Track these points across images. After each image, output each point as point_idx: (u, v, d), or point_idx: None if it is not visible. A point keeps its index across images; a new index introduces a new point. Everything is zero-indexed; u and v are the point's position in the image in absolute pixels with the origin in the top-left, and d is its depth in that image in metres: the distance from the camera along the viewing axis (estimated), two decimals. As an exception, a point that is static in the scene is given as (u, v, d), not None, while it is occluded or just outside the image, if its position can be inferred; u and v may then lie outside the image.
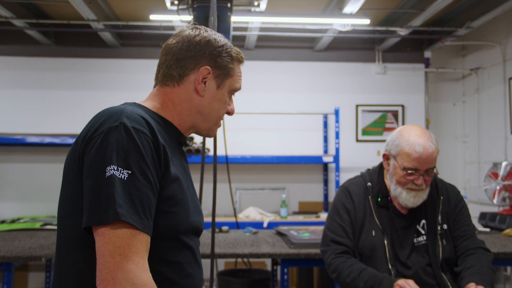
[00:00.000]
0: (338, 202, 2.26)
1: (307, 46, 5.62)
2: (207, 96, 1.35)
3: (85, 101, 5.28)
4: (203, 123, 1.38)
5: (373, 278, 2.01)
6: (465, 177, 5.76)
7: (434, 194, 2.22)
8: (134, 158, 1.14)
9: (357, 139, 5.60)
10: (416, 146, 2.06)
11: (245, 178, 5.45)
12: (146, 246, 1.14)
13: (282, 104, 5.51)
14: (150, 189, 1.16)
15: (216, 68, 1.34)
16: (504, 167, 3.93)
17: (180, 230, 1.26)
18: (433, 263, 2.10)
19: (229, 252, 2.89)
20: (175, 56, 1.33)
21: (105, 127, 1.17)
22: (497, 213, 3.91)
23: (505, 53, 5.04)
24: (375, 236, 2.13)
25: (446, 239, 2.15)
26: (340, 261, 2.13)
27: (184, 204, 1.27)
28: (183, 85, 1.34)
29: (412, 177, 2.08)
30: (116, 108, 1.24)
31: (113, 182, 1.11)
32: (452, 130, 5.89)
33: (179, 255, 1.27)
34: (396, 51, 5.63)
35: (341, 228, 2.19)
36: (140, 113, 1.24)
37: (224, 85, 1.37)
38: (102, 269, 1.08)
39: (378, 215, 2.17)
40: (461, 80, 5.89)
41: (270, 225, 4.48)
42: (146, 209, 1.14)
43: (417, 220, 2.18)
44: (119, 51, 5.45)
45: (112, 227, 1.09)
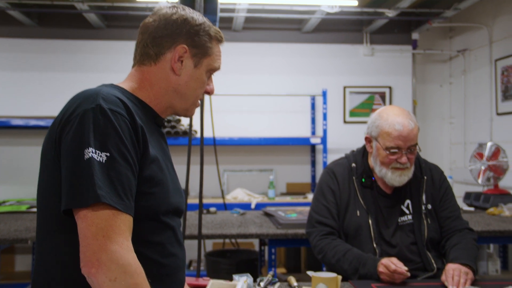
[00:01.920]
0: (323, 183, 2.28)
1: (295, 28, 5.59)
2: (184, 75, 1.33)
3: (70, 83, 5.21)
4: (180, 102, 1.36)
5: (357, 258, 2.04)
6: (451, 158, 5.82)
7: (418, 174, 2.24)
8: (112, 140, 1.13)
9: (345, 120, 5.61)
10: (396, 125, 2.08)
11: (233, 159, 5.45)
12: (129, 227, 1.14)
13: (270, 85, 5.49)
14: (129, 170, 1.15)
15: (193, 47, 1.32)
16: (489, 147, 3.97)
17: (161, 211, 1.26)
18: (418, 242, 2.13)
19: (216, 233, 2.90)
20: (152, 35, 1.32)
21: (81, 110, 1.16)
22: (482, 193, 3.96)
23: (491, 35, 5.06)
24: (360, 216, 2.16)
25: (430, 218, 2.18)
26: (326, 243, 2.16)
27: (164, 185, 1.27)
28: (160, 64, 1.32)
29: (395, 156, 2.10)
30: (92, 90, 1.23)
31: (91, 165, 1.10)
32: (438, 111, 5.93)
33: (160, 235, 1.27)
34: (384, 33, 5.62)
35: (326, 209, 2.22)
36: (117, 94, 1.23)
37: (202, 64, 1.35)
38: (86, 251, 1.08)
39: (363, 196, 2.19)
40: (448, 61, 5.91)
41: (258, 206, 4.50)
42: (127, 190, 1.14)
43: (401, 200, 2.20)
44: (104, 33, 5.38)
45: (93, 209, 1.09)
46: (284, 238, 2.88)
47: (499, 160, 3.91)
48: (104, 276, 1.06)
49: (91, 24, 5.25)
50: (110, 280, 1.06)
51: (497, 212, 3.52)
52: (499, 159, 3.91)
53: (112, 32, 5.37)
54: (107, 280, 1.06)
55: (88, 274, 1.08)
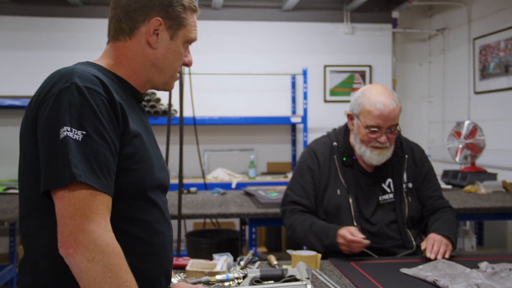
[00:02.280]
0: (303, 162, 2.29)
1: (275, 6, 5.54)
2: (160, 48, 1.30)
3: (45, 62, 5.10)
4: (158, 76, 1.34)
5: (321, 230, 2.06)
6: (429, 136, 5.88)
7: (399, 153, 2.25)
8: (88, 118, 1.11)
9: (325, 99, 5.61)
10: (377, 104, 2.08)
11: (213, 139, 5.43)
12: (107, 207, 1.12)
13: (250, 64, 5.45)
14: (107, 148, 1.13)
15: (167, 18, 1.29)
16: (466, 126, 4.02)
17: (146, 187, 1.25)
18: (399, 220, 2.15)
19: (197, 212, 2.89)
20: (124, 9, 1.28)
21: (57, 89, 1.14)
22: (459, 171, 4.02)
23: (470, 13, 5.08)
24: (340, 195, 2.17)
25: (411, 196, 2.20)
26: (295, 218, 2.19)
27: (148, 160, 1.25)
28: (135, 39, 1.29)
29: (375, 135, 2.11)
30: (67, 68, 1.20)
31: (67, 144, 1.08)
32: (418, 90, 5.97)
33: (147, 213, 1.26)
34: (364, 11, 5.60)
35: (302, 188, 2.23)
36: (93, 71, 1.20)
37: (178, 36, 1.32)
38: (63, 232, 1.07)
39: (344, 174, 2.20)
40: (428, 40, 5.93)
41: (239, 185, 4.50)
42: (104, 168, 1.12)
43: (382, 179, 2.22)
44: (80, 10, 5.25)
45: (70, 189, 1.07)
46: (264, 217, 2.89)
47: (476, 139, 3.96)
48: (82, 256, 1.05)
49: (66, 1, 5.12)
50: (88, 261, 1.05)
51: (473, 189, 3.58)
52: (476, 138, 3.97)
53: (89, 9, 5.25)
54: (85, 260, 1.05)
55: (66, 254, 1.06)
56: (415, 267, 1.78)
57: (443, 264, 1.77)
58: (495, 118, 4.63)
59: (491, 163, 4.43)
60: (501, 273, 1.68)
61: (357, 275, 1.73)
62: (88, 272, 1.05)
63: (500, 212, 3.07)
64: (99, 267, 1.05)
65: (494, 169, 4.24)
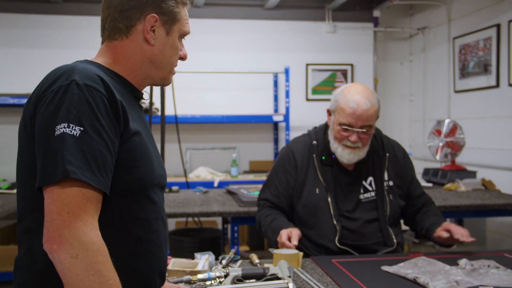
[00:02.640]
0: (279, 161, 2.30)
1: (257, 4, 5.53)
2: (157, 44, 1.32)
3: (25, 59, 5.03)
4: (157, 72, 1.35)
5: (277, 227, 2.09)
6: (410, 135, 5.94)
7: (380, 151, 2.26)
8: (86, 115, 1.11)
9: (307, 98, 5.63)
10: (351, 102, 2.08)
11: (195, 138, 5.41)
12: (97, 205, 1.12)
13: (232, 63, 5.44)
14: (104, 146, 1.13)
15: (162, 14, 1.30)
16: (447, 124, 4.06)
17: (146, 184, 1.25)
18: (380, 218, 2.16)
19: (179, 211, 2.88)
20: (118, 8, 1.28)
21: (56, 86, 1.14)
22: (439, 169, 4.06)
23: (450, 13, 5.13)
24: (319, 193, 2.17)
25: (392, 194, 2.22)
26: (262, 213, 2.23)
27: (148, 158, 1.26)
28: (132, 37, 1.30)
29: (346, 133, 2.11)
30: (68, 66, 1.20)
31: (63, 140, 1.08)
32: (399, 89, 6.02)
33: (145, 211, 1.26)
34: (346, 10, 5.62)
35: (274, 187, 2.26)
36: (93, 69, 1.20)
37: (173, 30, 1.34)
38: (49, 227, 1.06)
39: (323, 173, 2.20)
40: (409, 39, 5.98)
41: (221, 184, 4.49)
42: (101, 166, 1.11)
43: (363, 177, 2.22)
44: (61, 7, 5.18)
45: (62, 185, 1.07)
46: (246, 216, 2.88)
47: (456, 137, 4.01)
48: (66, 252, 1.04)
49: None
50: (71, 257, 1.04)
51: (453, 187, 3.62)
52: (456, 136, 4.01)
53: (69, 6, 5.18)
54: (68, 257, 1.04)
55: (50, 250, 1.06)
56: (395, 265, 1.79)
57: (423, 262, 1.79)
58: (474, 116, 4.70)
59: (470, 161, 4.49)
60: (480, 270, 1.70)
61: (339, 273, 1.74)
62: (71, 269, 1.04)
63: (479, 210, 3.12)
64: (82, 264, 1.04)
65: (474, 167, 4.30)
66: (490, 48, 4.47)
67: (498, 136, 4.35)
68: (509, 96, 4.21)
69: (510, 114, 4.14)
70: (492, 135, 4.43)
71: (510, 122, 4.15)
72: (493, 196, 3.37)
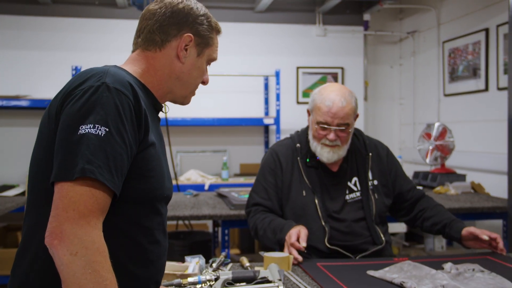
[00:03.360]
0: (265, 164, 2.31)
1: (247, 7, 5.54)
2: (187, 63, 1.37)
3: (13, 61, 4.99)
4: (180, 90, 1.41)
5: (278, 225, 2.08)
6: (400, 138, 5.96)
7: (363, 151, 2.28)
8: (112, 117, 1.13)
9: (298, 101, 5.63)
10: (326, 101, 2.12)
11: (186, 140, 5.40)
12: (104, 207, 1.13)
13: (223, 65, 5.41)
14: (124, 150, 1.15)
15: (197, 36, 1.37)
16: (436, 128, 4.08)
17: (155, 195, 1.28)
18: (367, 217, 2.18)
19: (169, 214, 2.86)
20: (159, 22, 1.34)
21: (87, 85, 1.17)
22: (429, 172, 4.08)
23: (439, 17, 5.17)
24: (305, 196, 2.18)
25: (377, 193, 2.24)
26: (256, 217, 2.21)
27: (160, 170, 1.29)
28: (165, 51, 1.35)
29: (324, 132, 2.14)
30: (101, 68, 1.24)
31: (87, 139, 1.10)
32: (389, 92, 6.04)
33: (151, 221, 1.28)
34: (336, 14, 5.64)
35: (264, 190, 2.25)
36: (125, 75, 1.24)
37: (204, 54, 1.40)
38: (52, 222, 1.07)
39: (308, 175, 2.21)
40: (399, 43, 6.01)
41: (211, 187, 4.48)
42: (119, 168, 1.13)
43: (348, 177, 2.24)
44: (50, 9, 5.14)
45: (75, 182, 1.08)
46: (237, 219, 2.88)
47: (446, 140, 4.03)
48: (66, 249, 1.05)
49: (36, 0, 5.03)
50: (70, 254, 1.05)
51: (443, 190, 3.64)
52: (445, 139, 4.03)
53: (58, 8, 5.15)
54: (67, 253, 1.05)
55: (50, 245, 1.07)
56: (381, 269, 1.79)
57: (409, 266, 1.79)
58: (463, 120, 4.73)
59: (460, 164, 4.52)
60: (465, 274, 1.71)
61: (325, 278, 1.72)
62: (69, 265, 1.05)
63: (469, 213, 3.13)
64: (80, 262, 1.05)
65: (463, 170, 4.32)
66: (479, 52, 4.50)
67: (487, 140, 4.38)
68: (498, 100, 4.24)
69: (499, 118, 4.17)
70: (482, 139, 4.46)
71: (499, 125, 4.18)
72: (482, 199, 3.39)
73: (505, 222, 3.23)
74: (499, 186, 3.87)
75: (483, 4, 4.47)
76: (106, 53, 5.05)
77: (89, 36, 5.14)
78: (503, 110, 4.16)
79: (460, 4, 4.83)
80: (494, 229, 4.14)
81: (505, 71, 4.13)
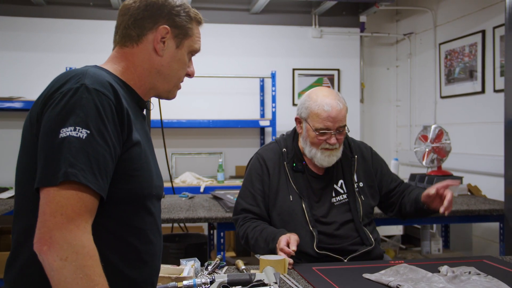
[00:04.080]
0: (252, 170, 2.29)
1: (243, 9, 5.52)
2: (166, 56, 1.34)
3: (7, 63, 4.95)
4: (162, 84, 1.37)
5: (270, 234, 2.06)
6: (397, 140, 5.95)
7: (348, 153, 2.29)
8: (93, 119, 1.12)
9: (294, 103, 5.61)
10: (325, 106, 2.11)
11: (181, 142, 5.37)
12: (92, 209, 1.11)
13: (218, 67, 5.41)
14: (107, 151, 1.13)
15: (174, 27, 1.34)
16: (433, 130, 4.07)
17: (144, 194, 1.26)
18: (355, 219, 2.19)
19: (164, 217, 2.84)
20: (133, 16, 1.32)
21: (66, 88, 1.15)
22: (426, 174, 4.06)
23: (435, 18, 5.17)
24: (292, 200, 2.17)
25: (364, 195, 2.25)
26: (247, 226, 2.18)
27: (147, 168, 1.27)
28: (142, 45, 1.33)
29: (324, 137, 2.13)
30: (79, 69, 1.22)
31: (68, 142, 1.08)
32: (385, 94, 6.03)
33: (142, 221, 1.27)
34: (332, 15, 5.63)
35: (252, 196, 2.23)
36: (104, 75, 1.22)
37: (183, 45, 1.37)
38: (41, 228, 1.06)
39: (295, 180, 2.20)
40: (395, 45, 6.01)
41: (207, 189, 4.46)
42: (102, 170, 1.12)
43: (334, 180, 2.25)
44: (44, 10, 5.11)
45: (60, 187, 1.06)
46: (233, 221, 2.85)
47: (442, 142, 4.02)
48: (55, 254, 1.04)
49: (30, 0, 4.99)
50: (60, 259, 1.04)
51: (440, 192, 3.62)
52: (442, 141, 4.02)
53: (52, 9, 5.12)
54: (57, 259, 1.04)
55: (40, 251, 1.05)
56: (377, 272, 1.78)
57: (405, 269, 1.79)
58: (460, 122, 4.72)
59: (456, 166, 4.51)
60: (461, 277, 1.71)
61: (320, 281, 1.71)
62: (60, 271, 1.04)
63: (465, 215, 3.12)
64: (71, 267, 1.04)
65: (460, 173, 4.31)
66: (475, 54, 4.49)
67: (484, 142, 4.38)
68: (494, 102, 4.23)
69: (496, 120, 4.16)
70: (478, 141, 4.46)
71: (495, 127, 4.17)
72: (479, 201, 3.37)
73: (502, 225, 3.22)
74: (496, 189, 3.85)
75: (479, 6, 4.46)
76: (101, 54, 4.97)
77: (83, 37, 5.11)
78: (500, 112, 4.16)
79: (457, 5, 4.83)
80: (491, 232, 4.13)
81: (501, 73, 4.12)
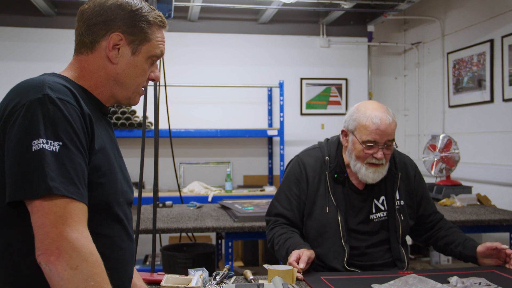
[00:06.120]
0: (290, 173, 2.21)
1: (251, 19, 5.55)
2: (121, 63, 1.29)
3: (17, 73, 4.99)
4: (120, 91, 1.32)
5: (292, 245, 2.00)
6: (405, 149, 5.92)
7: (393, 169, 2.18)
8: (63, 129, 1.10)
9: (302, 112, 5.62)
10: (374, 118, 2.03)
11: (189, 152, 5.38)
12: (85, 215, 1.11)
13: (227, 77, 5.43)
14: (82, 159, 1.13)
15: (129, 34, 1.28)
16: (441, 139, 4.05)
17: (109, 202, 1.24)
18: (392, 238, 2.11)
19: (172, 226, 2.84)
20: (86, 23, 1.27)
21: (27, 100, 1.12)
22: (435, 184, 4.04)
23: (443, 28, 5.16)
24: (329, 212, 2.09)
25: (403, 214, 2.15)
26: (275, 231, 2.14)
27: (113, 174, 1.25)
28: (96, 53, 1.28)
29: (371, 151, 2.03)
30: (36, 79, 1.19)
31: (42, 156, 1.06)
32: (393, 103, 6.02)
33: (110, 228, 1.25)
34: (340, 25, 5.65)
35: (287, 200, 2.16)
36: (62, 83, 1.19)
37: (140, 51, 1.30)
38: (43, 240, 1.04)
39: (334, 192, 2.12)
40: (403, 54, 6.00)
41: (215, 199, 4.46)
42: (81, 179, 1.11)
43: (374, 196, 2.15)
44: (54, 20, 5.17)
45: (48, 198, 1.06)
46: (241, 231, 2.85)
47: (451, 152, 4.00)
48: (65, 263, 1.03)
49: (40, 11, 5.04)
50: (71, 268, 1.03)
51: (449, 202, 3.60)
52: (451, 151, 4.00)
53: (62, 20, 5.17)
54: (68, 268, 1.03)
55: (47, 262, 1.04)
56: (386, 283, 1.76)
57: (414, 279, 1.76)
58: (469, 131, 4.69)
59: (465, 176, 4.48)
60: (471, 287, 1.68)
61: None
62: (70, 280, 1.03)
63: (475, 225, 3.10)
64: (82, 275, 1.04)
65: (469, 182, 4.28)
66: (484, 63, 4.48)
67: (493, 151, 4.35)
68: (503, 111, 4.21)
69: (505, 129, 4.14)
70: (487, 150, 4.43)
71: (504, 137, 4.15)
72: (489, 211, 3.35)
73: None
74: (505, 198, 3.83)
75: (487, 15, 4.46)
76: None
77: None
78: (509, 121, 4.14)
79: (465, 15, 4.82)
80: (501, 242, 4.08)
81: (510, 82, 4.10)
